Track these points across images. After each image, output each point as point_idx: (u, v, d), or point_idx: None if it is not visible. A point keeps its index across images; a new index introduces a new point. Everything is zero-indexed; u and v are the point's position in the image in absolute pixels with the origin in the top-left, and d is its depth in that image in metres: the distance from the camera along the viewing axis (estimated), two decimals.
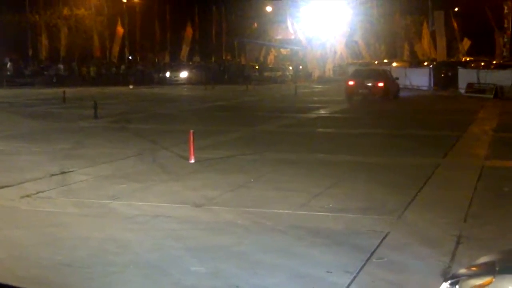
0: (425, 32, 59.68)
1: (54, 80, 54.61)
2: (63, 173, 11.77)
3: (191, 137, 12.81)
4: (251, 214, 8.59)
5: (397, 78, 35.51)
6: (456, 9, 61.99)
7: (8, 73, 56.19)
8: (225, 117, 24.34)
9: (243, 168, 12.30)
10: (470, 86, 36.15)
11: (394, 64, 52.93)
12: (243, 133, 18.42)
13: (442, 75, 42.46)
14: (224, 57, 76.90)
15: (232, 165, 12.63)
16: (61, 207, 9.14)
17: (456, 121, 21.56)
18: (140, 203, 9.33)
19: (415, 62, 55.14)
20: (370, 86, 31.77)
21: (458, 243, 7.15)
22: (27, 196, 9.82)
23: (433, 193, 9.93)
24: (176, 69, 60.56)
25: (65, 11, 65.83)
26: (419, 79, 43.45)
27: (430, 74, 43.26)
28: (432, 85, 42.50)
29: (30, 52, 64.16)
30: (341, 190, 10.12)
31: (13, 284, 1.89)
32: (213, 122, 22.06)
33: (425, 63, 50.63)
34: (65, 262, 6.58)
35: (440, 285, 3.39)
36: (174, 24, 70.84)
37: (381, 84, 31.91)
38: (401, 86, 43.63)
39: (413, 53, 63.34)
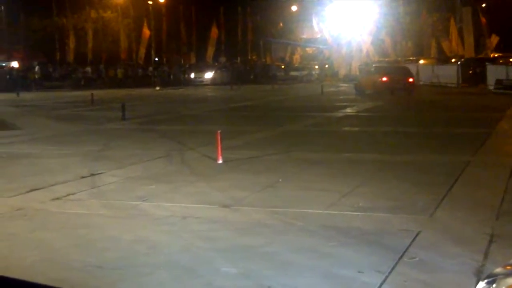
0: (453, 29, 59.03)
1: (82, 83, 55.22)
2: (92, 175, 11.85)
3: (218, 137, 12.83)
4: (280, 214, 8.56)
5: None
6: (484, 5, 61.28)
7: (36, 76, 56.84)
8: (252, 117, 24.34)
9: (270, 168, 12.28)
10: (499, 82, 35.75)
11: (421, 61, 52.51)
12: (269, 133, 18.40)
13: (470, 72, 42.09)
14: (249, 57, 76.97)
15: (260, 165, 12.62)
16: (91, 209, 9.20)
17: (485, 118, 21.33)
18: (169, 204, 9.35)
19: (442, 59, 54.61)
20: (401, 81, 32.09)
21: (490, 241, 7.04)
22: (58, 198, 9.90)
23: (464, 191, 9.80)
24: (201, 70, 60.77)
25: (92, 14, 66.40)
26: (447, 76, 43.09)
27: (458, 71, 42.86)
28: (460, 82, 42.10)
29: (58, 56, 64.84)
30: (370, 189, 10.05)
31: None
32: (240, 122, 22.07)
33: (453, 60, 50.17)
34: (95, 264, 6.62)
35: (476, 284, 3.34)
36: (200, 25, 71.06)
37: (411, 80, 32.72)
38: (428, 83, 43.34)
39: (440, 50, 62.69)
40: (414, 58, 57.50)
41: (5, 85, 50.14)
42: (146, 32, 66.39)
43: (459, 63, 45.44)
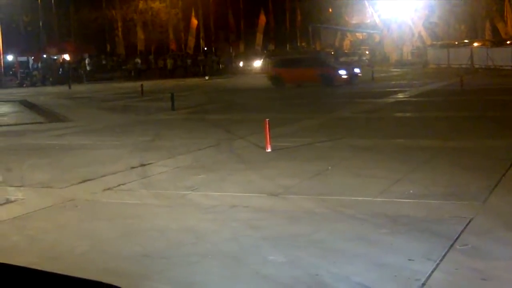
0: (508, 10, 57.56)
1: (132, 74, 55.82)
2: (142, 165, 11.94)
3: (267, 125, 12.76)
4: (329, 202, 8.47)
5: None
6: None
7: (88, 68, 57.73)
8: (301, 105, 24.17)
9: (320, 155, 12.17)
10: None
11: (475, 44, 51.39)
12: (319, 120, 18.25)
13: None
14: (299, 44, 76.56)
15: (309, 153, 12.52)
16: (141, 199, 9.27)
17: None
18: (217, 193, 9.35)
19: (497, 41, 53.30)
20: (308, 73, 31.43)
21: None
22: (108, 189, 10.01)
23: None
24: (249, 58, 60.76)
25: (141, 5, 66.99)
26: (502, 58, 42.05)
27: None
28: None
29: (108, 47, 65.69)
30: (422, 176, 9.85)
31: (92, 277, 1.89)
32: (289, 110, 21.94)
33: (508, 42, 48.92)
34: (144, 253, 6.65)
35: None
36: (248, 13, 70.98)
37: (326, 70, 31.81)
38: (483, 66, 42.25)
39: (495, 32, 61.18)
40: (468, 41, 56.28)
41: (57, 78, 51.11)
42: (194, 21, 66.72)
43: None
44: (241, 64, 59.65)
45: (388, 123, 17.27)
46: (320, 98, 27.16)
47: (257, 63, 58.59)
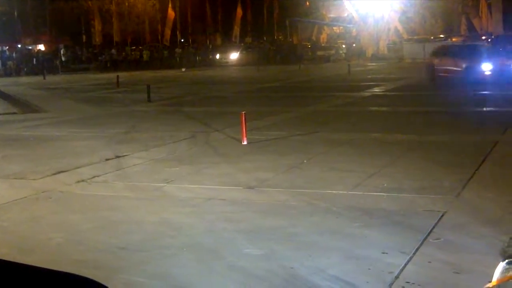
0: (483, 6, 58.04)
1: (108, 65, 55.45)
2: (117, 157, 11.89)
3: (243, 118, 12.77)
4: (305, 195, 8.51)
5: None
6: None
7: (63, 59, 57.23)
8: (277, 98, 24.21)
9: (296, 149, 12.21)
10: None
11: (454, 39, 51.73)
12: (295, 114, 18.29)
13: (500, 50, 41.30)
14: (276, 37, 76.56)
15: (285, 146, 12.55)
16: (116, 191, 9.24)
17: None
18: (193, 186, 9.35)
19: (473, 36, 53.73)
20: None
21: None
22: (83, 180, 9.96)
23: (491, 171, 9.65)
24: (226, 50, 60.65)
25: None
26: None
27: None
28: None
29: (84, 38, 65.15)
30: (396, 170, 9.93)
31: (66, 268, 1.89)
32: (265, 103, 21.97)
33: (483, 38, 49.36)
34: (120, 245, 6.63)
35: (497, 264, 3.25)
36: (225, 5, 70.82)
37: None
38: None
39: (471, 27, 61.65)
40: (443, 36, 56.66)
41: (32, 68, 50.62)
42: (171, 13, 66.39)
43: (489, 40, 44.67)
44: (217, 56, 59.48)
45: (364, 117, 17.36)
46: (297, 91, 27.21)
47: (234, 56, 58.48)
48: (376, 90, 26.12)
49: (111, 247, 6.60)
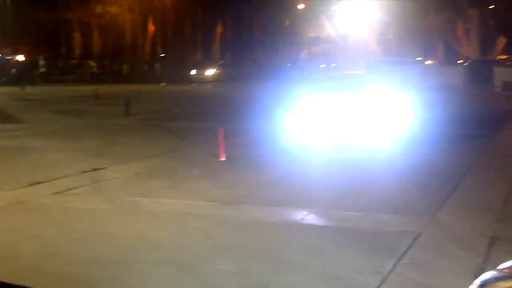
0: (460, 30, 58.88)
1: (87, 78, 55.24)
2: (94, 170, 11.84)
3: (221, 135, 12.80)
4: (281, 213, 8.53)
5: None
6: (492, 6, 61.02)
7: (42, 70, 56.92)
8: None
9: (274, 164, 12.25)
10: (506, 84, 35.55)
11: (429, 62, 52.40)
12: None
13: (477, 73, 41.89)
14: (256, 55, 76.76)
15: (264, 162, 12.59)
16: (92, 204, 9.19)
17: (489, 119, 21.15)
18: (169, 200, 9.33)
19: (449, 60, 54.45)
20: None
21: (492, 244, 6.99)
22: (59, 192, 9.90)
23: (466, 195, 9.75)
24: (202, 67, 60.75)
25: (98, 9, 66.34)
26: (453, 77, 42.93)
27: (464, 72, 42.76)
28: (466, 83, 41.96)
29: (63, 50, 64.88)
30: (372, 188, 9.98)
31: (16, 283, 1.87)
32: (245, 119, 21.96)
33: (460, 61, 50.05)
34: (95, 259, 6.59)
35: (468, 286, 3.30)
36: (206, 22, 70.96)
37: None
38: (434, 84, 43.10)
39: (448, 51, 62.43)
40: (421, 59, 57.28)
41: (10, 78, 50.28)
42: (151, 27, 66.38)
43: (465, 64, 45.27)
44: (193, 72, 59.44)
45: None
46: None
47: (210, 72, 58.61)
48: None
49: (86, 260, 6.56)
